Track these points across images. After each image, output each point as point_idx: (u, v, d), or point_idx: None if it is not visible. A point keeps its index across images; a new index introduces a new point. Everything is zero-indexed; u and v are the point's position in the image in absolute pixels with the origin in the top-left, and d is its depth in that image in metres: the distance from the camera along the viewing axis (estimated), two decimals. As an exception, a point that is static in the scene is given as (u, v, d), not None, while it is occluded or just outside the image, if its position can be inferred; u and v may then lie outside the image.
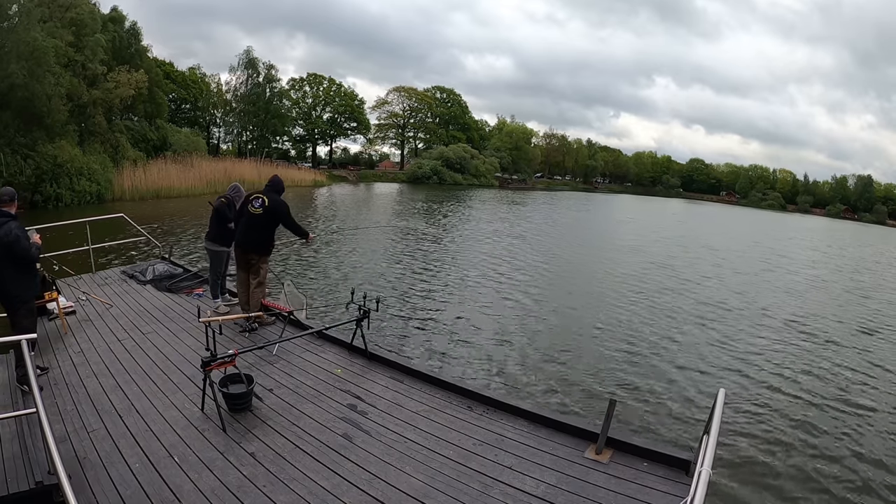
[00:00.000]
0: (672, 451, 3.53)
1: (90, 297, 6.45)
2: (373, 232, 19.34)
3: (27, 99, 19.08)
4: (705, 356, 8.47)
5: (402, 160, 75.79)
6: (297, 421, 3.88)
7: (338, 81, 66.65)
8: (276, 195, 5.80)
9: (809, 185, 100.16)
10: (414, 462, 3.43)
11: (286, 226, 5.81)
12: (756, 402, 6.90)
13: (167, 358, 4.89)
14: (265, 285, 5.97)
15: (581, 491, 3.15)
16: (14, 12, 19.39)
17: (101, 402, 4.00)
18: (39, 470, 3.04)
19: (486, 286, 12.06)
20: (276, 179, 6.02)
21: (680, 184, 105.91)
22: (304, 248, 13.61)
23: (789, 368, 8.30)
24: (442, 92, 79.44)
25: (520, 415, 4.07)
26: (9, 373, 4.28)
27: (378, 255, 14.81)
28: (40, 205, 19.20)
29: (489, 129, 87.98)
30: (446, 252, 16.52)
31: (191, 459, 3.33)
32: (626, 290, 12.96)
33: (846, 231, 55.67)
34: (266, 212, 5.65)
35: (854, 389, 7.69)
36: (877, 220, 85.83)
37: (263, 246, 5.80)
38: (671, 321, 10.40)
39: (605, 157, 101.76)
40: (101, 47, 24.79)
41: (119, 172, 24.72)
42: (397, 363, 4.98)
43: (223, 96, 53.35)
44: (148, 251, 11.52)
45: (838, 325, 11.60)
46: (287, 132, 60.98)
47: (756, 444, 5.77)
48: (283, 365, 4.88)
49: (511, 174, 77.76)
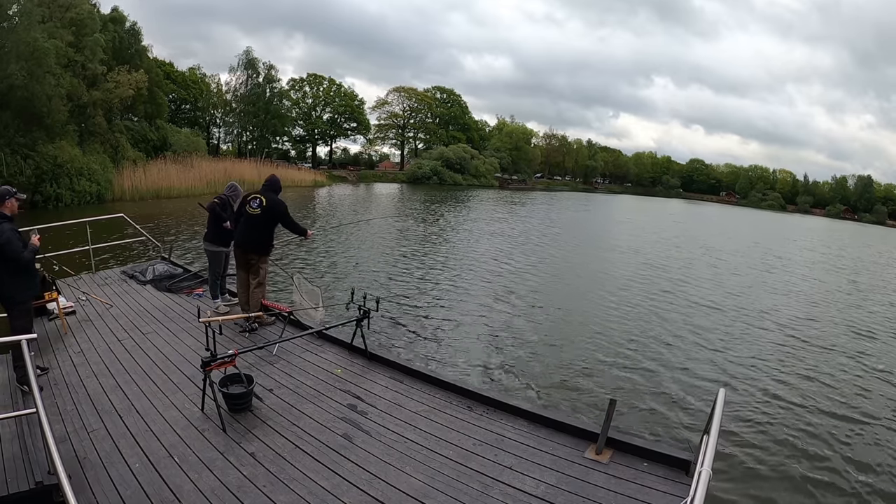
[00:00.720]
0: (672, 451, 3.52)
1: (90, 297, 6.45)
2: (373, 232, 19.34)
3: (27, 99, 19.08)
4: (705, 356, 8.46)
5: (402, 160, 75.80)
6: (297, 421, 3.88)
7: (338, 82, 66.82)
8: (273, 195, 5.81)
9: (809, 185, 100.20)
10: (414, 462, 3.43)
11: (284, 224, 5.81)
12: (756, 402, 6.90)
13: (167, 358, 4.89)
14: (265, 285, 5.98)
15: (581, 491, 3.15)
16: (14, 12, 19.39)
17: (101, 402, 4.00)
18: (39, 470, 3.04)
19: (486, 286, 12.05)
20: (274, 179, 6.01)
21: (680, 184, 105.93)
22: (301, 245, 13.64)
23: (789, 368, 8.30)
24: (442, 92, 79.50)
25: (520, 415, 4.07)
26: (9, 373, 4.27)
27: (378, 256, 14.81)
28: (40, 205, 19.19)
29: (489, 130, 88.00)
30: (446, 252, 16.52)
31: (191, 459, 3.33)
32: (626, 290, 12.95)
33: (846, 231, 55.67)
34: (264, 211, 5.67)
35: (854, 389, 7.68)
36: (877, 220, 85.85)
37: (263, 246, 5.80)
38: (671, 322, 10.40)
39: (605, 158, 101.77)
40: (100, 47, 24.78)
41: (119, 173, 24.72)
42: (397, 363, 4.99)
43: (223, 96, 53.37)
44: (148, 251, 11.51)
45: (838, 326, 11.59)
46: (287, 132, 61.02)
47: (756, 445, 5.77)
48: (283, 365, 4.88)
49: (511, 174, 77.78)
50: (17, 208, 4.30)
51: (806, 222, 64.24)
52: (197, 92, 51.81)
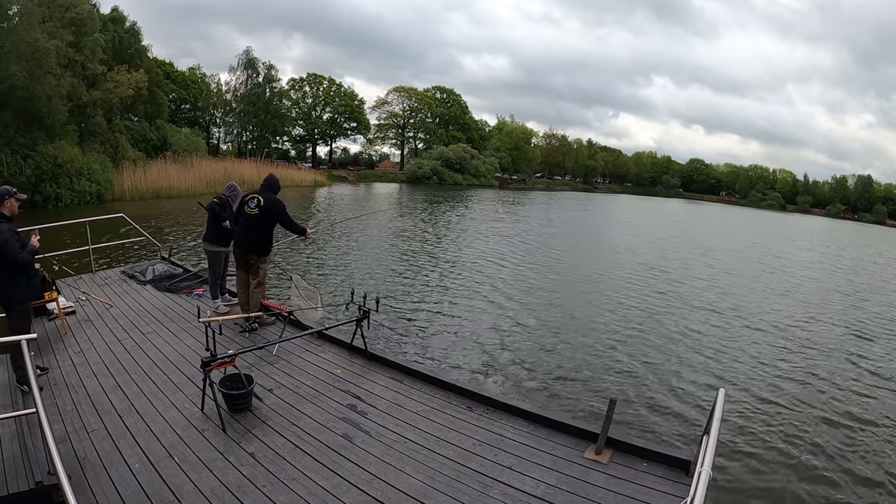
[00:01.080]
0: (672, 451, 3.53)
1: (90, 297, 6.44)
2: (373, 232, 19.34)
3: (27, 99, 19.07)
4: (705, 357, 8.46)
5: (402, 160, 75.77)
6: (297, 421, 3.88)
7: (337, 81, 66.80)
8: (271, 194, 5.78)
9: (809, 185, 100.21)
10: (414, 462, 3.43)
11: (283, 224, 5.78)
12: (756, 401, 6.90)
13: (167, 358, 4.89)
14: (265, 285, 5.96)
15: (581, 491, 3.15)
16: (14, 13, 19.38)
17: (101, 402, 4.00)
18: (39, 470, 3.04)
19: (486, 286, 12.05)
20: (272, 178, 5.98)
21: (680, 184, 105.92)
22: (300, 244, 13.63)
23: (790, 369, 8.30)
24: (442, 92, 79.47)
25: (519, 415, 4.07)
26: (9, 373, 4.27)
27: (378, 256, 14.81)
28: (40, 205, 19.18)
29: (489, 130, 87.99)
30: (446, 252, 16.52)
31: (191, 459, 3.33)
32: (626, 291, 12.96)
33: (845, 231, 55.66)
34: (262, 211, 5.63)
35: (854, 390, 7.69)
36: (877, 220, 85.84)
37: (262, 246, 5.77)
38: (671, 322, 10.40)
39: (605, 158, 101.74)
40: (100, 47, 24.78)
41: (119, 172, 24.71)
42: (397, 363, 4.98)
43: (223, 96, 53.37)
44: (148, 251, 11.51)
45: (837, 327, 11.59)
46: (287, 132, 61.02)
47: (756, 444, 5.77)
48: (283, 365, 4.88)
49: (511, 174, 77.75)
50: (18, 209, 4.29)
51: (806, 222, 64.24)
52: (197, 92, 51.82)
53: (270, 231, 5.82)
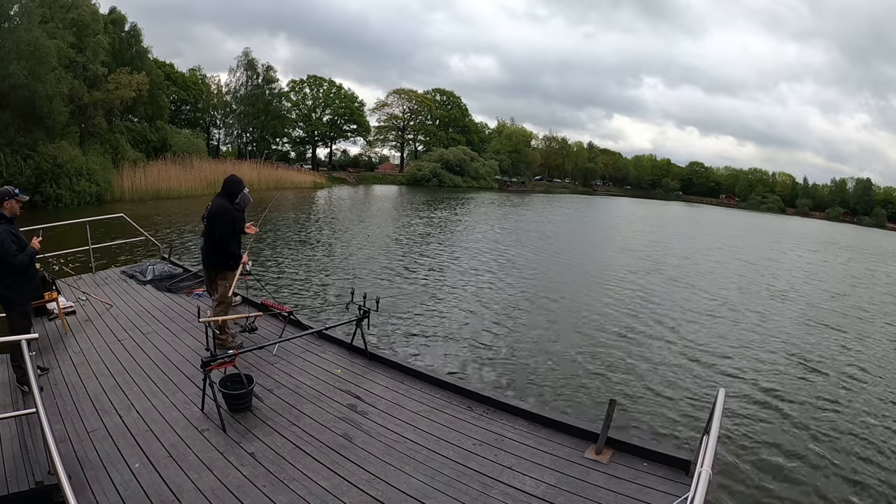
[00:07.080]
0: (672, 451, 3.53)
1: (90, 297, 6.44)
2: (373, 232, 19.35)
3: (28, 99, 19.11)
4: (705, 357, 8.46)
5: (402, 162, 75.81)
6: (297, 421, 3.88)
7: (338, 83, 66.87)
8: (223, 199, 4.91)
9: (808, 188, 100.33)
10: (414, 462, 3.43)
11: (220, 239, 4.84)
12: (756, 401, 6.90)
13: (167, 358, 4.89)
14: (227, 304, 5.23)
15: (581, 491, 3.15)
16: (15, 13, 19.42)
17: (101, 403, 4.00)
18: (39, 470, 3.04)
19: (486, 287, 12.05)
20: (229, 179, 5.10)
21: (679, 187, 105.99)
22: (299, 245, 13.60)
23: (789, 369, 8.30)
24: (442, 94, 79.60)
25: (519, 415, 4.07)
26: (9, 373, 4.26)
27: (378, 256, 14.80)
28: (40, 205, 19.19)
29: (489, 132, 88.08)
30: (446, 253, 16.51)
31: (191, 459, 3.33)
32: (627, 292, 12.96)
33: (845, 232, 55.68)
34: (208, 219, 4.91)
35: (854, 389, 7.69)
36: (876, 223, 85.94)
37: (220, 259, 5.00)
38: (671, 322, 10.39)
39: (604, 160, 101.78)
40: (102, 49, 24.83)
41: (119, 173, 24.75)
42: (397, 363, 4.98)
43: (223, 98, 53.40)
44: (148, 251, 11.50)
45: (837, 327, 11.59)
46: (287, 134, 61.07)
47: (756, 444, 5.77)
48: (283, 365, 4.88)
49: (510, 177, 77.81)
50: (20, 209, 4.27)
51: (805, 225, 64.28)
52: (197, 93, 51.86)
53: (226, 243, 4.95)
